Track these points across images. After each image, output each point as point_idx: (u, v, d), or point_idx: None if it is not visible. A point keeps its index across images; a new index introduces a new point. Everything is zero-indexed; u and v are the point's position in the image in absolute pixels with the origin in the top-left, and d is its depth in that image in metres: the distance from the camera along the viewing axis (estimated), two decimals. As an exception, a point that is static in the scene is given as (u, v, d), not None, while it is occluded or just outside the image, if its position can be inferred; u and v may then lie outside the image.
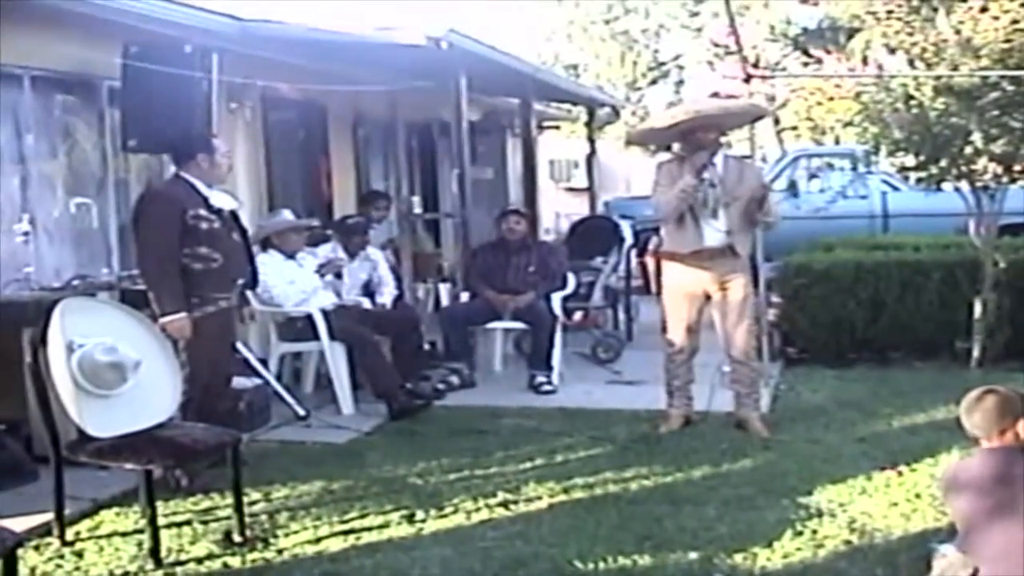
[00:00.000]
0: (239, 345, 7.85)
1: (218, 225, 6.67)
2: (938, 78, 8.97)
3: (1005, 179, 9.41)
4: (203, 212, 6.59)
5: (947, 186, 9.85)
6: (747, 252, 7.75)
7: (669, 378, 7.83)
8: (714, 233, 7.55)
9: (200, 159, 6.69)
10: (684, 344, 7.74)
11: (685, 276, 7.65)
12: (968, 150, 9.12)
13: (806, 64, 21.86)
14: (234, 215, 6.94)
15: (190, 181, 6.66)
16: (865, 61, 9.62)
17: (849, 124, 10.03)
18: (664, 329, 7.90)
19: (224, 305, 6.78)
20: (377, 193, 11.73)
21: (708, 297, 7.68)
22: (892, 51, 9.22)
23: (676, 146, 8.20)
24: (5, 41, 7.19)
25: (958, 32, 8.84)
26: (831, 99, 9.96)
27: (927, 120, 9.12)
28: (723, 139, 7.99)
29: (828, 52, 10.81)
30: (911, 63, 9.14)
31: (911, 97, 9.16)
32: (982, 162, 9.21)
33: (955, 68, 8.89)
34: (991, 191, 9.51)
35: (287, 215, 9.22)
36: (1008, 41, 8.71)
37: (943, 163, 9.34)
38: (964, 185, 9.59)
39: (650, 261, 7.82)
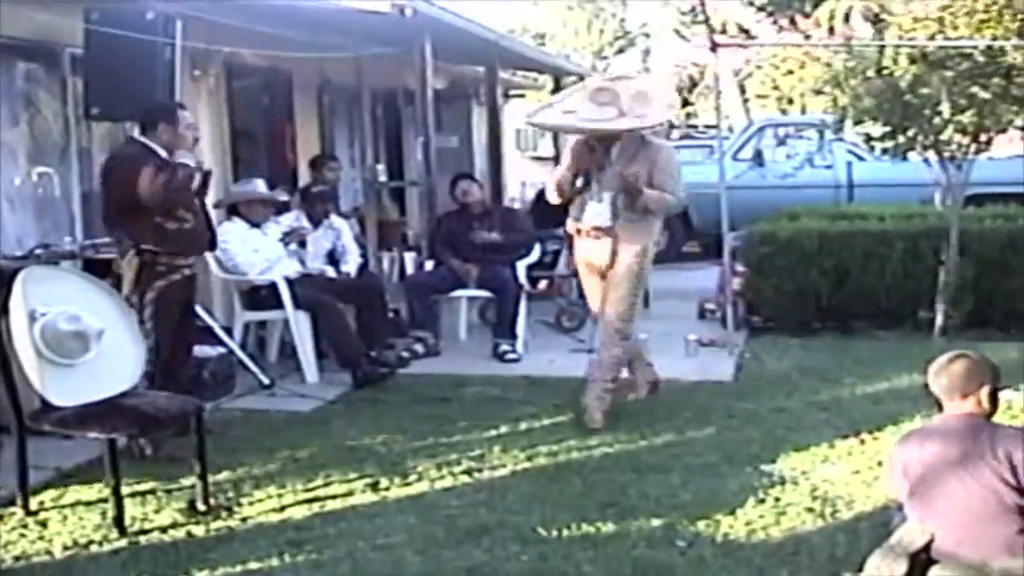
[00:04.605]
0: (203, 313, 7.84)
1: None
2: (913, 46, 8.99)
3: (972, 149, 9.46)
4: None
5: (913, 156, 9.89)
6: (639, 234, 7.25)
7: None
8: (597, 214, 7.28)
9: (161, 128, 6.65)
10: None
11: (583, 251, 7.47)
12: (937, 120, 9.15)
13: (780, 31, 21.91)
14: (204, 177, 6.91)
15: (151, 147, 6.61)
16: (832, 31, 9.63)
17: (819, 92, 10.05)
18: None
19: (187, 273, 6.79)
20: (325, 155, 11.66)
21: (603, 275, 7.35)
22: (875, 19, 9.20)
23: None
24: (-35, 8, 7.13)
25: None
26: (802, 66, 9.98)
27: (898, 88, 9.14)
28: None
29: (794, 21, 10.83)
30: (885, 31, 9.16)
31: (882, 66, 9.18)
32: (948, 132, 9.26)
33: (932, 37, 8.91)
34: (958, 161, 9.55)
35: (260, 185, 9.19)
36: (987, 11, 8.74)
37: (911, 132, 9.37)
38: (932, 155, 9.62)
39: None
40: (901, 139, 9.50)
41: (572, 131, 7.53)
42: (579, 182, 7.31)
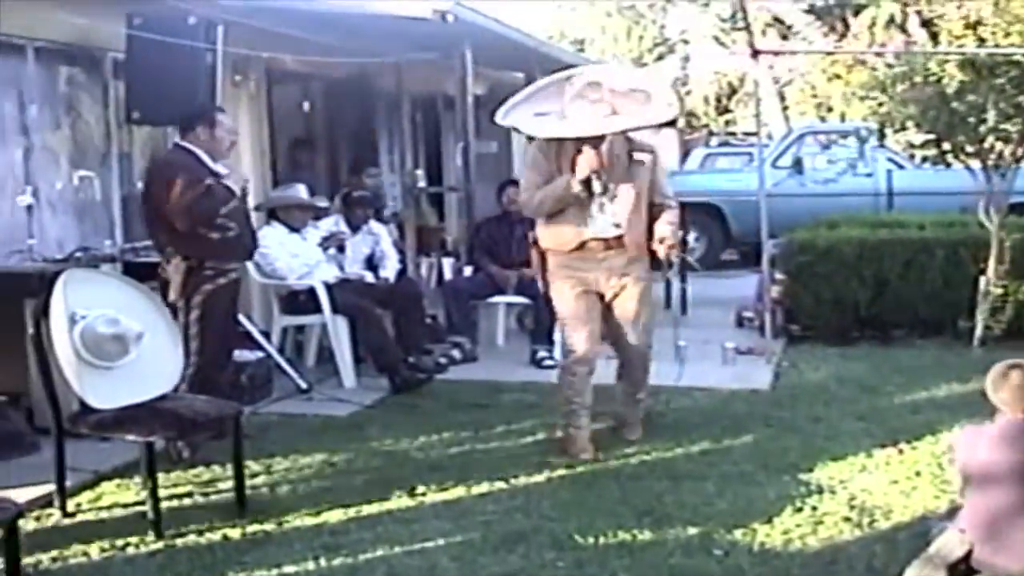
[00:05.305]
0: (242, 318, 7.87)
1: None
2: (962, 53, 8.94)
3: (1020, 153, 9.38)
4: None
5: (955, 164, 9.82)
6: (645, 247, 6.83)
7: None
8: (605, 226, 6.73)
9: (199, 131, 6.67)
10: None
11: (577, 269, 6.80)
12: (982, 128, 9.09)
13: (826, 34, 21.85)
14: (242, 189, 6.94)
15: (194, 152, 6.63)
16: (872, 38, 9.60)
17: (865, 98, 9.99)
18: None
19: (234, 276, 6.82)
20: (365, 159, 11.67)
21: (601, 297, 6.88)
22: (928, 23, 9.12)
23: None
24: (9, 12, 7.18)
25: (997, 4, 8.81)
26: (849, 70, 9.92)
27: (945, 95, 9.07)
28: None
29: (834, 28, 10.82)
30: (935, 36, 9.11)
31: (929, 72, 9.12)
32: (990, 139, 9.19)
33: (981, 44, 8.86)
34: (1002, 170, 9.48)
35: (301, 190, 9.21)
36: None
37: (957, 139, 9.30)
38: (975, 163, 9.54)
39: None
40: (947, 146, 9.43)
41: (571, 137, 6.73)
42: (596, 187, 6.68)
